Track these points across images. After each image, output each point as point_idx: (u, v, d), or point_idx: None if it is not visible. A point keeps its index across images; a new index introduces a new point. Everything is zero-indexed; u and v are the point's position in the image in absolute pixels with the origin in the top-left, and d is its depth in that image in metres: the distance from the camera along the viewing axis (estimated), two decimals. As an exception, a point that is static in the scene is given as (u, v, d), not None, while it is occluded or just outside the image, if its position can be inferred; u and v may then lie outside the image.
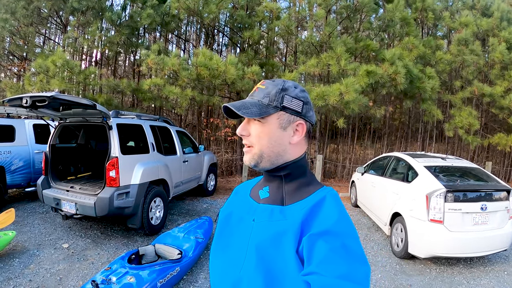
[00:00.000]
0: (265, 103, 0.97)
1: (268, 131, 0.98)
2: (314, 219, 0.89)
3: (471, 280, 4.50)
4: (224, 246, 1.06)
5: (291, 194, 1.00)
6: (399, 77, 8.91)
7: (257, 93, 1.00)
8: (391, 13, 10.34)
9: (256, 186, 1.13)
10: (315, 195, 0.97)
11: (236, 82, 9.00)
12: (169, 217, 6.51)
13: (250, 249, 0.95)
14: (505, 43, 11.58)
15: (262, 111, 0.96)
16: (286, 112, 0.98)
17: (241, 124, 1.03)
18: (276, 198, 1.01)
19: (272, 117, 0.97)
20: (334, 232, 0.84)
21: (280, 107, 0.97)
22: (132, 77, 13.64)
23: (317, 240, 0.83)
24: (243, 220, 1.05)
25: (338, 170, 12.75)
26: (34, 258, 4.40)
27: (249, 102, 0.98)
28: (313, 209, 0.92)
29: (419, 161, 5.51)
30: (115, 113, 5.44)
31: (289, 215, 0.94)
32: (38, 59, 9.00)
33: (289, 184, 1.02)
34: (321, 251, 0.81)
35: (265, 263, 0.90)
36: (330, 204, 0.92)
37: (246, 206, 1.08)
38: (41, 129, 7.19)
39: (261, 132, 0.98)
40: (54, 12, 12.07)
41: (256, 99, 0.99)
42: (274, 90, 0.98)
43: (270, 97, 0.97)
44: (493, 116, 13.16)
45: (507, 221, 4.81)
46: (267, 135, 0.98)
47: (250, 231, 0.99)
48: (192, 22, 14.80)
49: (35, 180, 6.43)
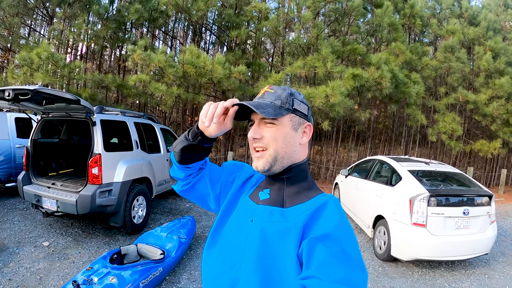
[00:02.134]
0: (278, 104, 1.00)
1: (283, 132, 1.00)
2: (315, 223, 0.90)
3: (452, 283, 4.58)
4: (220, 246, 1.06)
5: (292, 197, 1.02)
6: (384, 81, 8.99)
7: (268, 96, 1.03)
8: (379, 18, 10.43)
9: (257, 188, 1.14)
10: (315, 199, 0.99)
11: (223, 81, 8.96)
12: (152, 216, 6.43)
13: (247, 250, 0.95)
14: (490, 52, 11.83)
15: (276, 112, 0.98)
16: (296, 115, 1.02)
17: (253, 127, 1.03)
18: (277, 200, 1.03)
19: (285, 118, 1.00)
20: (334, 237, 0.84)
21: (292, 109, 1.01)
22: (118, 72, 13.44)
23: (317, 244, 0.83)
24: (240, 221, 1.05)
25: (321, 172, 12.82)
26: (13, 256, 4.28)
27: (264, 103, 1.00)
28: (315, 213, 0.93)
29: (403, 165, 5.57)
30: (99, 109, 5.35)
31: (289, 217, 0.96)
32: (23, 51, 8.80)
33: (290, 187, 1.04)
34: (320, 256, 0.81)
35: (263, 264, 0.90)
36: (331, 209, 0.93)
37: (245, 207, 1.09)
38: (23, 123, 7.00)
39: (276, 133, 1.00)
40: (41, 3, 11.77)
41: (268, 101, 1.01)
42: (284, 94, 1.02)
43: (281, 100, 1.01)
44: (476, 123, 13.44)
45: (488, 225, 4.91)
46: (282, 136, 1.00)
47: (248, 231, 0.99)
48: (180, 19, 14.70)
49: (15, 175, 6.25)
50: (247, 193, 1.15)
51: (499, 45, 12.06)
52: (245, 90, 9.74)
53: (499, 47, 12.05)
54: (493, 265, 5.32)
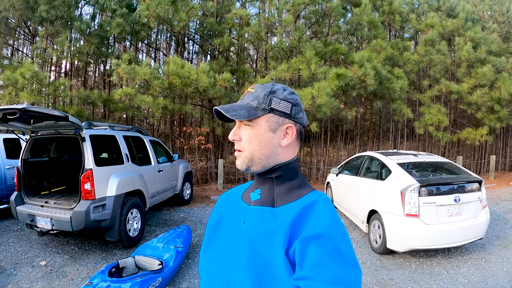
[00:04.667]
0: (254, 105, 0.98)
1: (258, 134, 0.98)
2: (305, 222, 0.89)
3: (450, 269, 4.65)
4: (214, 249, 1.06)
5: (282, 196, 1.00)
6: (368, 78, 9.11)
7: (247, 97, 1.01)
8: (358, 17, 10.59)
9: (248, 189, 1.12)
10: (306, 197, 0.98)
11: (208, 90, 9.01)
12: (147, 228, 6.42)
13: (240, 251, 0.95)
14: (471, 42, 12.03)
15: (250, 113, 0.96)
16: (275, 114, 0.98)
17: (233, 129, 1.03)
18: (267, 200, 1.01)
19: (260, 119, 0.98)
20: (327, 236, 0.84)
21: (268, 109, 0.97)
22: (103, 87, 13.37)
23: (310, 244, 0.83)
24: (233, 222, 1.04)
25: (312, 173, 12.88)
26: (11, 278, 4.25)
27: (238, 105, 0.99)
28: (304, 211, 0.92)
29: (391, 159, 5.65)
30: (88, 124, 5.35)
31: (279, 216, 0.94)
32: (6, 71, 8.77)
33: (280, 186, 1.02)
34: (314, 256, 0.80)
35: (255, 265, 0.89)
36: (322, 208, 0.92)
37: (237, 209, 1.08)
38: (11, 143, 6.97)
39: (250, 135, 0.99)
40: (23, 23, 11.74)
41: (245, 102, 0.99)
42: (262, 93, 0.99)
43: (258, 100, 0.98)
44: (461, 112, 13.63)
45: (480, 210, 5.00)
46: (257, 138, 0.98)
47: (240, 233, 0.98)
48: (162, 30, 14.68)
49: (7, 196, 6.17)
50: (239, 195, 1.14)
51: (479, 35, 12.26)
52: (231, 97, 9.78)
53: (478, 37, 12.24)
54: (489, 249, 5.40)
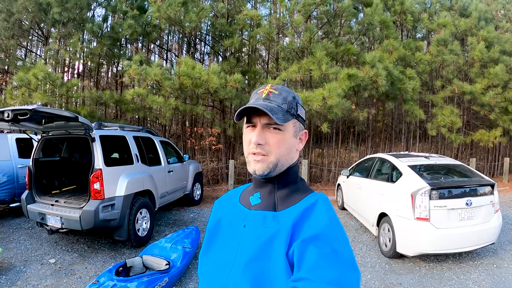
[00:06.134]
0: (285, 109, 0.95)
1: (286, 139, 0.97)
2: (304, 223, 0.89)
3: (461, 275, 4.55)
4: (213, 252, 1.05)
5: (283, 200, 0.99)
6: (380, 79, 9.03)
7: (273, 98, 0.96)
8: (370, 17, 10.49)
9: (245, 192, 1.11)
10: (306, 199, 0.97)
11: (219, 91, 9.01)
12: (156, 228, 6.45)
13: (239, 255, 0.93)
14: (484, 42, 11.85)
15: (285, 117, 0.94)
16: (298, 120, 1.00)
17: (257, 132, 0.95)
18: (268, 204, 1.00)
19: (289, 124, 0.97)
20: (325, 237, 0.83)
21: (296, 114, 0.98)
22: (115, 88, 13.51)
23: (308, 245, 0.82)
24: (232, 226, 1.03)
25: (324, 174, 12.82)
26: (21, 275, 4.30)
27: (272, 106, 0.94)
28: (305, 213, 0.91)
29: (402, 161, 5.57)
30: (98, 125, 5.40)
31: (282, 220, 0.93)
32: (20, 72, 8.90)
33: (281, 190, 1.01)
34: (312, 257, 0.80)
35: (253, 269, 0.88)
36: (321, 208, 0.92)
37: (236, 213, 1.06)
38: (24, 143, 7.07)
39: (280, 140, 0.96)
40: (35, 24, 11.92)
41: (275, 104, 0.95)
42: (289, 97, 0.97)
43: (288, 104, 0.96)
44: (474, 114, 13.44)
45: (493, 214, 4.88)
46: (285, 143, 0.97)
47: (240, 237, 0.97)
48: (173, 31, 14.78)
49: (19, 195, 6.30)
50: (236, 199, 1.13)
51: (492, 35, 12.09)
52: (242, 98, 9.78)
53: (492, 36, 12.07)
54: (501, 254, 5.28)
